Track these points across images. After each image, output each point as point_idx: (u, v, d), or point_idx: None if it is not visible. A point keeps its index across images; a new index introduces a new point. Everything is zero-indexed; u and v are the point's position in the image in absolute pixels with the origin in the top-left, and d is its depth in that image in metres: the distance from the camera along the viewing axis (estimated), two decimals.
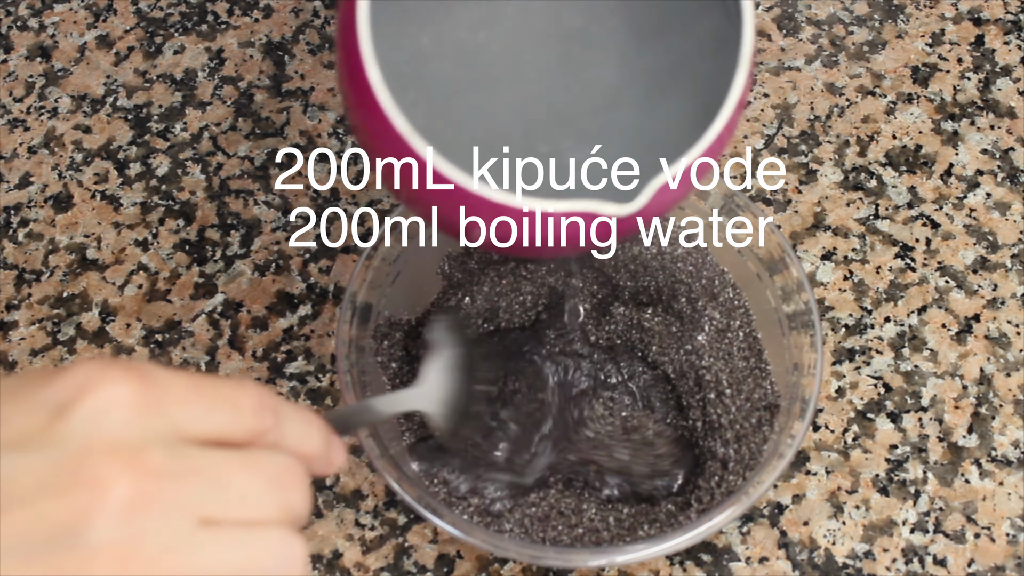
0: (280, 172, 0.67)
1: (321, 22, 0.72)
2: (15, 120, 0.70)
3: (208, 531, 0.30)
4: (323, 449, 0.36)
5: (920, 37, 0.70)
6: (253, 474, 0.32)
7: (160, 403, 0.31)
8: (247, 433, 0.33)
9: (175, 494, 0.30)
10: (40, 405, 0.30)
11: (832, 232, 0.64)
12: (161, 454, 0.30)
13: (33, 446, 0.29)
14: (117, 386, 0.30)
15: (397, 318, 0.58)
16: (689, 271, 0.58)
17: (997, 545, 0.55)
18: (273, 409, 0.33)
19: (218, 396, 0.32)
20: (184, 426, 0.31)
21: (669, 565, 0.55)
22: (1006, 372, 0.60)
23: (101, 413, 0.29)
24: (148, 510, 0.29)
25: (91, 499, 0.28)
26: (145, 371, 0.31)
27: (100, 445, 0.29)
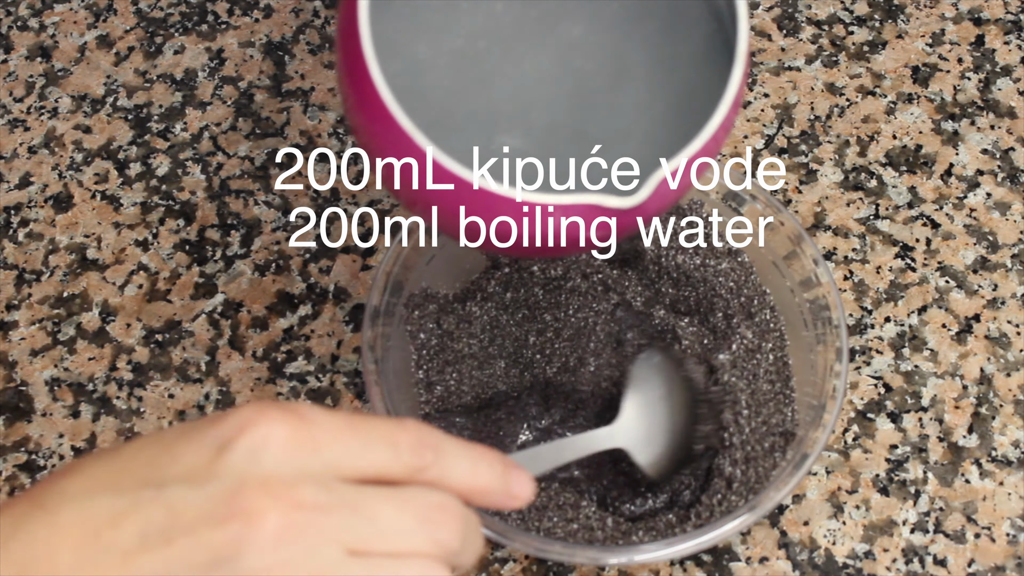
0: (280, 172, 0.67)
1: (321, 22, 0.72)
2: (15, 120, 0.70)
3: (354, 560, 0.32)
4: (497, 483, 0.36)
5: (920, 37, 0.70)
6: (401, 509, 0.33)
7: (314, 442, 0.33)
8: (405, 470, 0.34)
9: (322, 525, 0.31)
10: (206, 444, 0.32)
11: (832, 232, 0.64)
12: (311, 489, 0.32)
13: (198, 481, 0.32)
14: (274, 425, 0.32)
15: (433, 291, 0.58)
16: (730, 287, 0.58)
17: (997, 545, 0.55)
18: (433, 447, 0.35)
19: (374, 434, 0.34)
20: (339, 464, 0.33)
21: (669, 565, 0.55)
22: (1006, 372, 0.60)
23: (257, 451, 0.32)
24: (296, 540, 0.31)
25: (244, 530, 0.31)
26: (303, 412, 0.33)
27: (254, 480, 0.32)
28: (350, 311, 0.63)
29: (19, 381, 0.61)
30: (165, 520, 0.31)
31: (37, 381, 0.61)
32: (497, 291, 0.59)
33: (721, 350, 0.56)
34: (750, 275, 0.58)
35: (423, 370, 0.58)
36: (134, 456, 0.33)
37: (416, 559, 0.33)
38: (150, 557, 0.31)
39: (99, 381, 0.61)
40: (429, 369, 0.58)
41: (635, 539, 0.52)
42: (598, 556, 0.50)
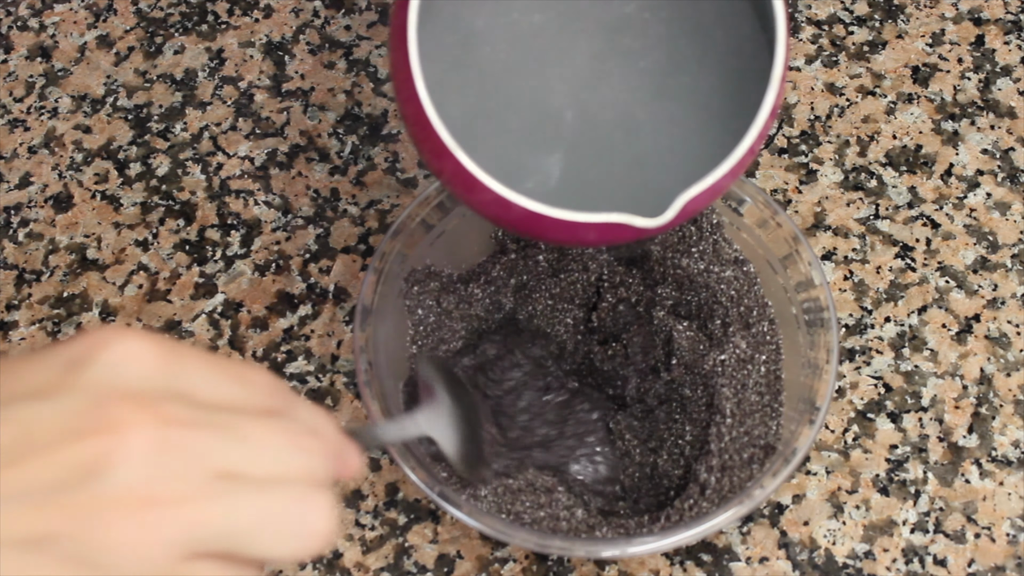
0: (280, 172, 0.67)
1: (321, 22, 0.72)
2: (15, 120, 0.70)
3: (230, 482, 0.30)
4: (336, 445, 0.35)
5: (920, 37, 0.70)
6: (276, 434, 0.32)
7: (177, 365, 0.31)
8: (260, 409, 0.32)
9: (195, 443, 0.30)
10: (56, 361, 0.30)
11: (832, 232, 0.64)
12: (180, 406, 0.30)
13: (51, 395, 0.29)
14: (133, 342, 0.30)
15: (437, 269, 0.58)
16: (731, 295, 0.57)
17: (997, 545, 0.55)
18: (283, 394, 0.34)
19: (232, 371, 0.32)
20: (200, 391, 0.31)
21: (669, 565, 0.55)
22: (1006, 372, 0.60)
23: (118, 364, 0.30)
24: (167, 456, 0.29)
25: (113, 443, 0.28)
26: (161, 338, 0.31)
27: (119, 392, 0.29)
28: (350, 311, 0.63)
29: None
30: (11, 437, 0.28)
31: None
32: (501, 276, 0.59)
33: (718, 356, 0.56)
34: (753, 285, 0.58)
35: (417, 345, 0.58)
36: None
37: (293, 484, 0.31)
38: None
39: None
40: (423, 346, 0.58)
41: (598, 534, 0.52)
42: (593, 549, 0.50)
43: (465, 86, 0.47)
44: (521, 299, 0.59)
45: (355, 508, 0.57)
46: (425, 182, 0.67)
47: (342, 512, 0.57)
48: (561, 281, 0.59)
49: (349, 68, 0.70)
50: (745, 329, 0.57)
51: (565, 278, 0.59)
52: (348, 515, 0.57)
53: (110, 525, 0.28)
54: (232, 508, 0.30)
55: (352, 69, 0.70)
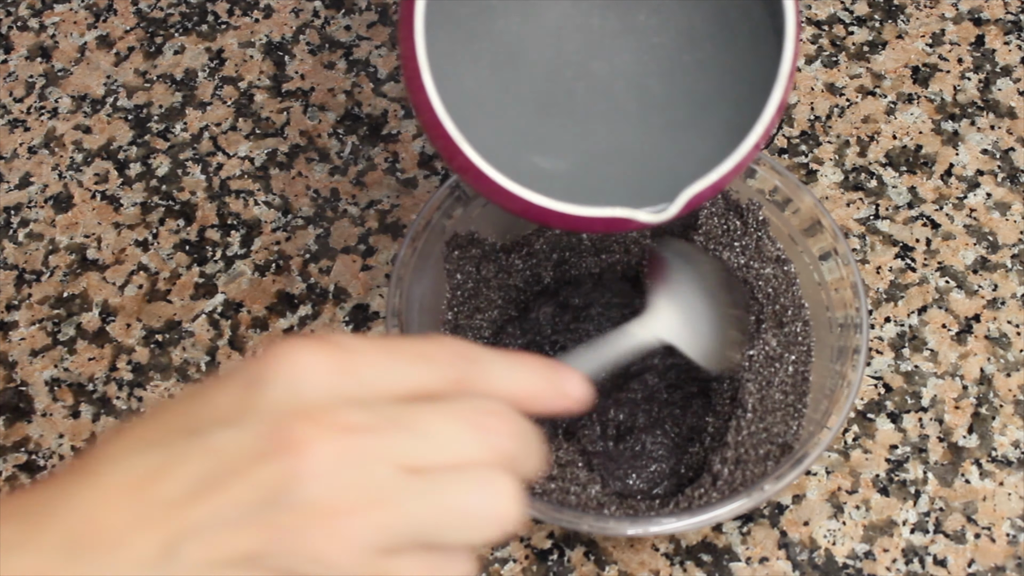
0: (280, 172, 0.67)
1: (321, 22, 0.72)
2: (15, 120, 0.70)
3: (412, 478, 0.31)
4: (545, 385, 0.35)
5: (920, 37, 0.70)
6: (451, 420, 0.32)
7: (350, 365, 0.32)
8: (445, 384, 0.33)
9: (374, 446, 0.30)
10: (238, 384, 0.31)
11: None
12: (355, 411, 0.31)
13: (235, 420, 0.31)
14: (305, 355, 0.31)
15: (480, 236, 0.58)
16: (768, 292, 0.58)
17: (997, 545, 0.55)
18: (471, 357, 0.34)
19: (410, 353, 0.33)
20: (379, 385, 0.32)
21: (669, 565, 0.55)
22: (1006, 372, 0.60)
23: (293, 382, 0.31)
24: (350, 464, 0.30)
25: (294, 461, 0.30)
26: (334, 339, 0.32)
27: (294, 410, 0.30)
28: (350, 311, 0.63)
29: (19, 381, 0.61)
30: (209, 465, 0.30)
31: (37, 381, 0.61)
32: (543, 249, 0.59)
33: (746, 351, 0.56)
34: (791, 285, 0.58)
35: (453, 311, 0.58)
36: (170, 410, 0.32)
37: (476, 468, 0.32)
38: (201, 505, 0.30)
39: (99, 381, 0.61)
40: (459, 312, 0.58)
41: (606, 512, 0.52)
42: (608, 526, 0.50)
43: (477, 58, 0.47)
44: (560, 275, 0.60)
45: None
46: (425, 182, 0.66)
47: None
48: (602, 261, 0.60)
49: (349, 68, 0.70)
50: (778, 327, 0.57)
51: (607, 259, 0.59)
52: None
53: (308, 538, 0.30)
54: (418, 504, 0.31)
55: (352, 69, 0.70)
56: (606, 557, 0.55)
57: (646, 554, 0.55)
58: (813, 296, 0.57)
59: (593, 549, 0.56)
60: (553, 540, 0.56)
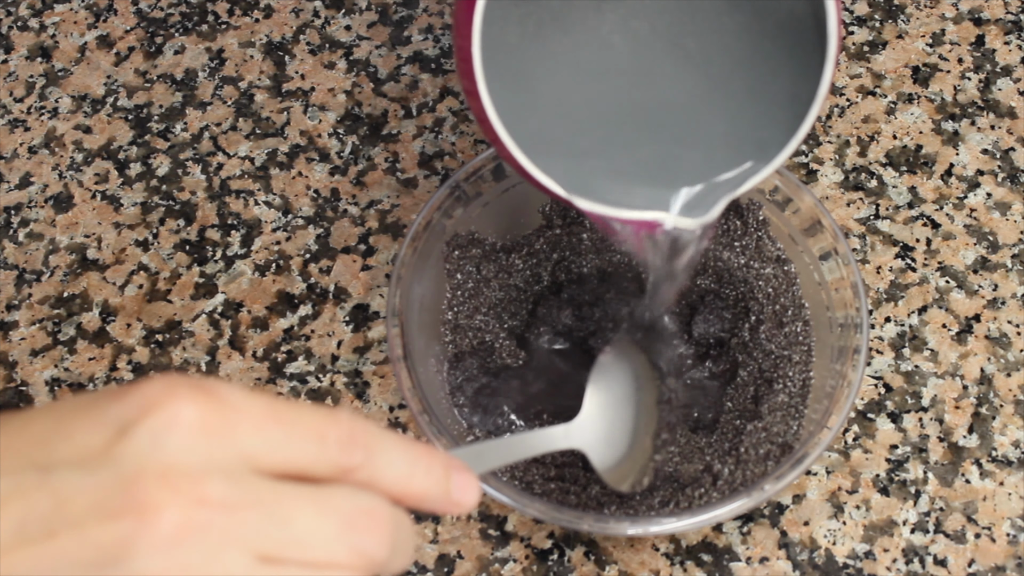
0: (280, 172, 0.67)
1: (321, 22, 0.72)
2: (15, 120, 0.70)
3: (264, 567, 0.28)
4: (436, 489, 0.32)
5: (920, 37, 0.70)
6: (322, 513, 0.29)
7: (229, 427, 0.29)
8: (330, 468, 0.30)
9: (228, 526, 0.28)
10: (105, 422, 0.28)
11: None
12: (219, 482, 0.28)
13: (91, 465, 0.28)
14: (183, 405, 0.28)
15: (481, 236, 0.59)
16: (768, 292, 0.58)
17: (997, 545, 0.55)
18: (365, 444, 0.31)
19: (300, 424, 0.30)
20: (255, 455, 0.29)
21: (669, 565, 0.55)
22: (1006, 372, 0.60)
23: (161, 434, 0.28)
24: (196, 542, 0.27)
25: (136, 526, 0.27)
26: (218, 391, 0.29)
27: (155, 468, 0.28)
28: (350, 311, 0.63)
29: (19, 381, 0.61)
30: (48, 509, 0.27)
31: (37, 381, 0.61)
32: (543, 249, 0.60)
33: (748, 352, 0.56)
34: (791, 285, 0.58)
35: (453, 311, 0.58)
36: (22, 430, 0.29)
37: (335, 570, 0.29)
38: (26, 552, 0.27)
39: (99, 381, 0.61)
40: (459, 312, 0.58)
41: (606, 512, 0.52)
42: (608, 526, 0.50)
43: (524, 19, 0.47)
44: (561, 274, 0.60)
45: None
46: (425, 182, 0.67)
47: None
48: (603, 262, 0.60)
49: (349, 68, 0.70)
50: (778, 328, 0.57)
51: (608, 259, 0.59)
52: None
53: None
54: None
55: (352, 69, 0.70)
56: (606, 557, 0.55)
57: (646, 554, 0.55)
58: (813, 296, 0.57)
59: (593, 549, 0.56)
60: (553, 540, 0.56)
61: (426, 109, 0.69)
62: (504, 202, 0.59)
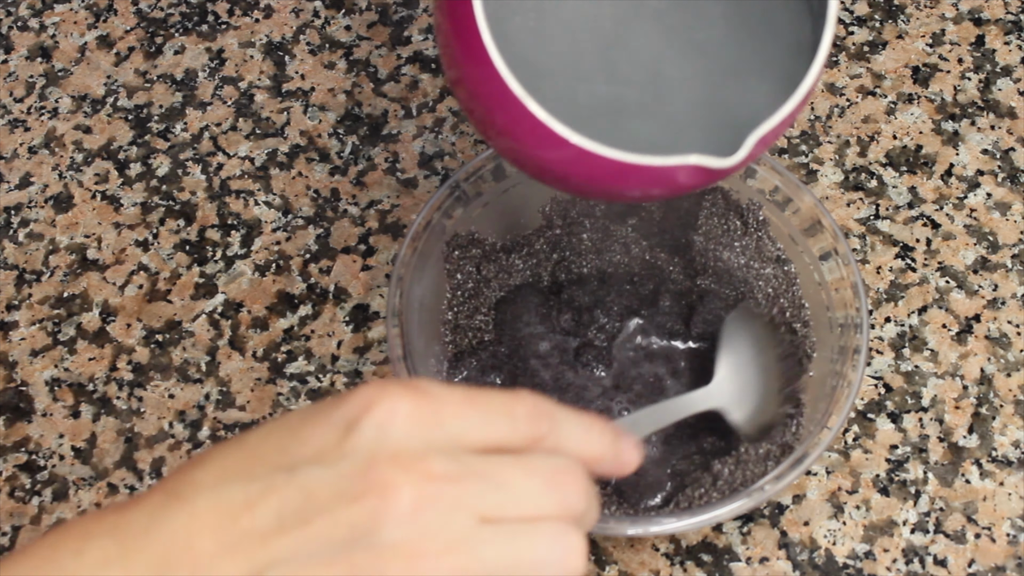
0: (280, 172, 0.67)
1: (321, 22, 0.72)
2: (15, 120, 0.70)
3: (488, 528, 0.33)
4: (608, 450, 0.37)
5: (920, 37, 0.70)
6: (529, 475, 0.34)
7: (437, 415, 0.33)
8: (523, 440, 0.35)
9: (455, 495, 0.32)
10: (333, 424, 0.33)
11: None
12: (441, 460, 0.33)
13: (329, 460, 0.32)
14: (397, 401, 0.33)
15: (481, 236, 0.59)
16: (768, 292, 0.58)
17: (997, 545, 0.55)
18: (548, 416, 0.35)
19: (492, 406, 0.34)
20: (461, 436, 0.34)
21: (669, 565, 0.55)
22: (1006, 372, 0.60)
23: (385, 426, 0.33)
24: (431, 510, 0.32)
25: (380, 504, 0.32)
26: (423, 387, 0.34)
27: (385, 455, 0.32)
28: (350, 311, 0.63)
29: (19, 381, 0.61)
30: (300, 501, 0.32)
31: (37, 381, 0.61)
32: (543, 250, 0.60)
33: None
34: (792, 285, 0.58)
35: (453, 311, 0.58)
36: (262, 442, 0.34)
37: (548, 522, 0.33)
38: (289, 538, 0.32)
39: (99, 381, 0.61)
40: (459, 312, 0.58)
41: (606, 512, 0.53)
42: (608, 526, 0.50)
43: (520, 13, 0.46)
44: (561, 274, 0.60)
45: None
46: (425, 182, 0.67)
47: None
48: (603, 262, 0.60)
49: (349, 68, 0.70)
50: (776, 329, 0.57)
51: (608, 259, 0.59)
52: None
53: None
54: (492, 551, 0.33)
55: (352, 69, 0.70)
56: (606, 557, 0.55)
57: (646, 554, 0.55)
58: (813, 296, 0.57)
59: (593, 549, 0.56)
60: None
61: (426, 109, 0.69)
62: (504, 202, 0.59)
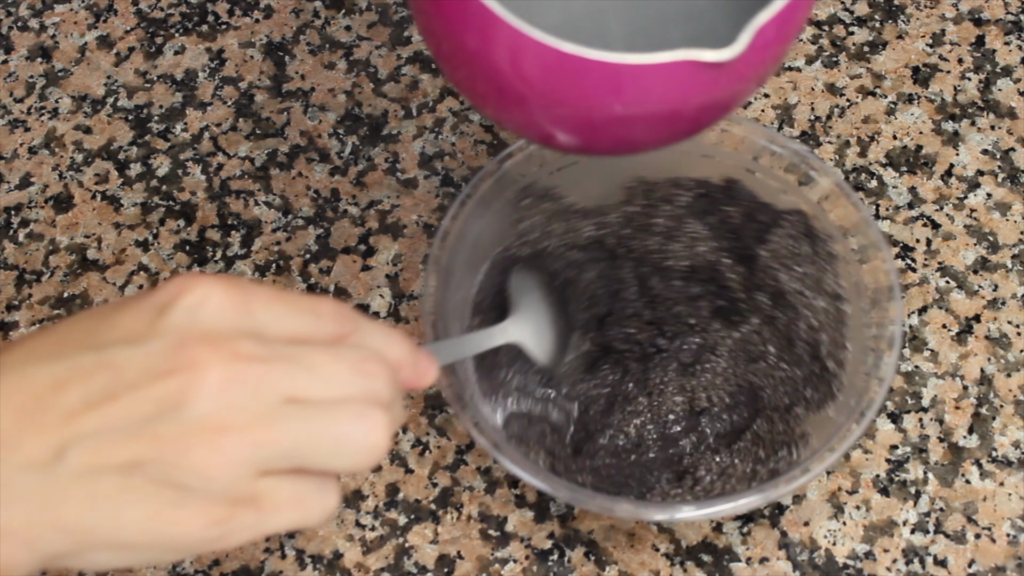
0: (280, 172, 0.67)
1: (321, 23, 0.72)
2: (16, 120, 0.70)
3: (294, 406, 0.33)
4: (409, 358, 0.38)
5: (921, 37, 0.70)
6: (336, 360, 0.35)
7: (247, 305, 0.34)
8: (328, 336, 0.36)
9: (262, 374, 0.33)
10: (144, 309, 0.34)
11: None
12: (249, 342, 0.33)
13: (138, 340, 0.33)
14: (210, 288, 0.34)
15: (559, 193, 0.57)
16: (814, 324, 0.56)
17: (997, 545, 0.55)
18: (352, 318, 0.37)
19: (300, 303, 0.36)
20: (269, 325, 0.35)
21: (669, 565, 0.55)
22: (1006, 372, 0.60)
23: (195, 308, 0.34)
24: (238, 388, 0.33)
25: (188, 380, 0.32)
26: (234, 279, 0.35)
27: (195, 335, 0.33)
28: None
29: None
30: (108, 379, 0.32)
31: None
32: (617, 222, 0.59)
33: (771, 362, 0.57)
34: (840, 325, 0.54)
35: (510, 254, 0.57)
36: (72, 327, 0.34)
37: (354, 403, 0.34)
38: (95, 414, 0.32)
39: None
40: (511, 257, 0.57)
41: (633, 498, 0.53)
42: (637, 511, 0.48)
43: None
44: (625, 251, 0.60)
45: (355, 508, 0.57)
46: (425, 182, 0.67)
47: (342, 512, 0.57)
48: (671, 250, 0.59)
49: (349, 68, 0.70)
50: (813, 359, 0.56)
51: (678, 248, 0.59)
52: (348, 515, 0.57)
53: (190, 450, 0.32)
54: (295, 428, 0.33)
55: (352, 70, 0.70)
56: (606, 557, 0.55)
57: (646, 554, 0.55)
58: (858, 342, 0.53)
59: (593, 549, 0.56)
60: (553, 540, 0.56)
61: (426, 109, 0.69)
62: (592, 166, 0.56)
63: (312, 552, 0.56)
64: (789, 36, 0.39)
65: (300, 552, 0.56)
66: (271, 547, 0.56)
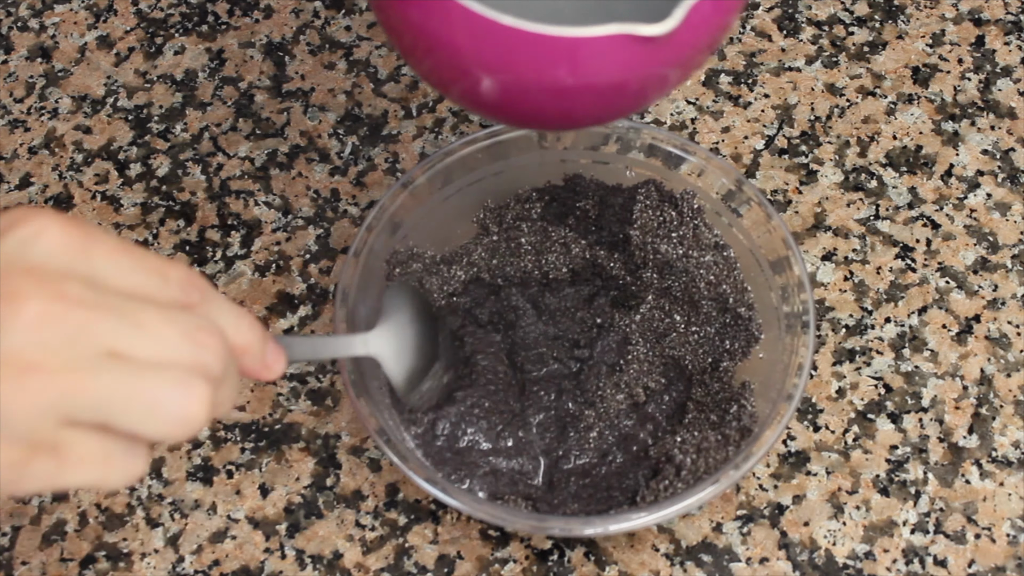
0: (280, 172, 0.67)
1: (321, 23, 0.72)
2: (15, 121, 0.70)
3: (111, 361, 0.32)
4: (256, 344, 0.36)
5: (920, 38, 0.70)
6: (168, 323, 0.33)
7: (87, 250, 0.33)
8: (170, 301, 0.34)
9: (85, 320, 0.31)
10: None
11: (832, 233, 0.64)
12: (77, 286, 0.32)
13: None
14: (48, 224, 0.32)
15: (420, 251, 0.59)
16: (710, 280, 0.58)
17: (997, 546, 0.55)
18: (201, 289, 0.35)
19: (147, 261, 0.34)
20: (107, 275, 0.33)
21: (669, 565, 0.55)
22: (1006, 373, 0.60)
23: (27, 242, 0.32)
24: (55, 328, 0.31)
25: (7, 310, 0.31)
26: (80, 222, 0.33)
27: (22, 266, 0.32)
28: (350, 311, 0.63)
29: None
30: None
31: None
32: (483, 257, 0.60)
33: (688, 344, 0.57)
34: (733, 270, 0.58)
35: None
36: None
37: (177, 370, 0.33)
38: None
39: None
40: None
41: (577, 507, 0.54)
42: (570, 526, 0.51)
43: None
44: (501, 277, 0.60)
45: (355, 508, 0.57)
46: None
47: (342, 512, 0.57)
48: (542, 264, 0.60)
49: (349, 69, 0.70)
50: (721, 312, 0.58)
51: (546, 260, 0.60)
52: (348, 515, 0.57)
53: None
54: (109, 381, 0.32)
55: (352, 70, 0.70)
56: (606, 557, 0.55)
57: (646, 554, 0.55)
58: (755, 278, 0.58)
59: (593, 549, 0.56)
60: (553, 540, 0.56)
61: (426, 110, 0.69)
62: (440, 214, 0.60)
63: (312, 552, 0.56)
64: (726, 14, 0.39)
65: (300, 552, 0.56)
66: (271, 547, 0.56)
